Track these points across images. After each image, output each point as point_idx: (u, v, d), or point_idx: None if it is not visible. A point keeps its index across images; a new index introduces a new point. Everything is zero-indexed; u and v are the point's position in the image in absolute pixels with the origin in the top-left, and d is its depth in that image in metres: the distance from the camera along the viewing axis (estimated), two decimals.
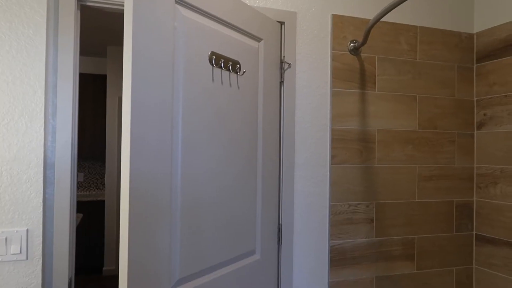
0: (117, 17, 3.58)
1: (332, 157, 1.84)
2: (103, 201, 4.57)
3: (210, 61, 1.35)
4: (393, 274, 1.92)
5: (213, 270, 1.35)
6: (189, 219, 1.24)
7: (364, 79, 1.90)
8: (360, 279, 1.86)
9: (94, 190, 5.17)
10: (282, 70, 1.77)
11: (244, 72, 1.51)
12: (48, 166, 1.42)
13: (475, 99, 2.11)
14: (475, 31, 2.11)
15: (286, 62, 1.78)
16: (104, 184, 5.16)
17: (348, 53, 1.87)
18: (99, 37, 4.20)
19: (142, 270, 1.06)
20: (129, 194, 1.02)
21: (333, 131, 1.84)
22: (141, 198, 1.05)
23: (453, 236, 2.04)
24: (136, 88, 1.05)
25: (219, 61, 1.38)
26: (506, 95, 1.94)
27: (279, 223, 1.74)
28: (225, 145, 1.40)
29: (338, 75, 1.85)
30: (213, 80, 1.36)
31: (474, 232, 2.08)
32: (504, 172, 1.93)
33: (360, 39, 1.88)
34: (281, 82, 1.77)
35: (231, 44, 1.44)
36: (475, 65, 2.10)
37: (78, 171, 5.02)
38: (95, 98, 4.82)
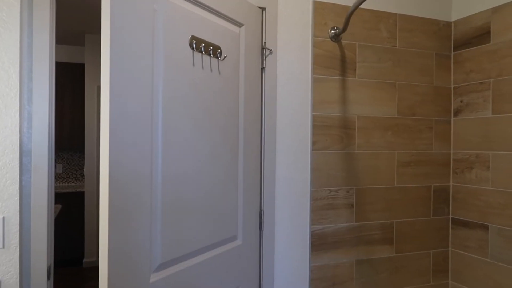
0: (95, 3, 3.49)
1: (313, 143, 1.85)
2: (83, 193, 4.50)
3: (191, 45, 1.33)
4: (373, 257, 1.96)
5: (195, 254, 1.35)
6: (171, 204, 1.23)
7: (344, 66, 1.91)
8: (340, 263, 1.89)
9: (73, 182, 5.09)
10: (263, 57, 1.77)
11: (225, 57, 1.49)
12: (24, 153, 1.38)
13: (452, 86, 2.15)
14: (452, 19, 2.15)
15: (267, 48, 1.78)
16: (83, 175, 5.08)
17: (329, 40, 1.88)
18: (77, 25, 4.10)
19: (123, 256, 1.05)
20: (108, 180, 1.00)
21: (314, 118, 1.85)
22: (121, 185, 1.04)
23: (430, 220, 2.10)
24: (115, 71, 1.03)
25: (199, 45, 1.37)
26: (481, 82, 1.99)
27: (260, 209, 1.75)
28: (207, 130, 1.39)
29: (319, 62, 1.86)
30: (193, 64, 1.34)
31: (450, 216, 2.14)
32: (479, 157, 1.99)
33: (341, 26, 1.89)
34: (263, 69, 1.77)
35: (211, 28, 1.42)
36: (452, 53, 2.14)
37: (56, 162, 4.92)
38: (73, 88, 4.71)
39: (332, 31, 1.87)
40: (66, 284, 3.97)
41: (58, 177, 5.03)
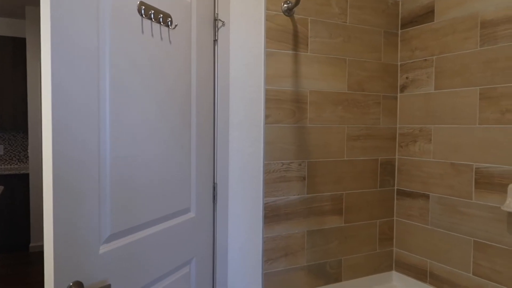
0: None
1: (266, 117, 1.86)
2: (27, 175, 4.27)
3: (139, 11, 1.28)
4: (324, 228, 2.04)
5: (147, 226, 1.33)
6: (121, 176, 1.20)
7: (297, 41, 1.93)
8: (293, 233, 1.95)
9: (17, 164, 4.81)
10: (216, 28, 1.74)
11: (176, 25, 1.45)
12: None
13: (399, 63, 2.24)
14: None
15: (220, 20, 1.75)
16: (27, 157, 4.81)
17: (282, 13, 1.88)
18: None
19: (69, 228, 1.01)
20: (52, 153, 0.96)
21: (267, 92, 1.86)
22: (66, 160, 1.00)
23: (377, 192, 2.20)
24: (57, 39, 0.97)
25: (148, 11, 1.32)
26: (425, 59, 2.08)
27: (214, 182, 1.75)
28: (158, 100, 1.36)
29: (272, 36, 1.86)
30: (142, 32, 1.29)
31: (395, 187, 2.26)
32: (422, 131, 2.10)
33: (294, 0, 1.89)
34: (215, 41, 1.75)
35: None
36: (399, 31, 2.22)
37: None
38: (14, 64, 4.41)
39: (285, 5, 1.88)
40: (11, 269, 3.79)
41: None
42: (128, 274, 1.23)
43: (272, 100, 1.87)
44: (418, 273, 2.12)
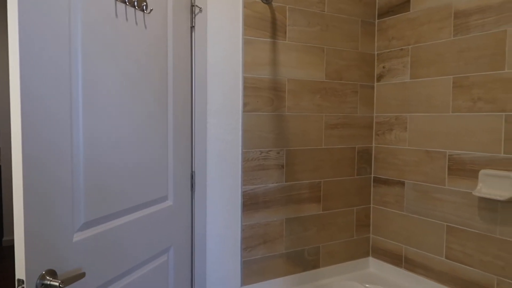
0: None
1: (244, 105, 1.86)
2: None
3: None
4: (302, 215, 2.06)
5: (123, 214, 1.31)
6: (95, 163, 1.17)
7: (275, 29, 1.92)
8: (271, 221, 1.96)
9: None
10: (193, 14, 1.71)
11: (151, 10, 1.42)
12: None
13: (376, 53, 2.26)
14: None
15: (197, 6, 1.72)
16: None
17: (260, 1, 1.87)
18: None
19: (41, 217, 0.99)
20: (21, 138, 0.92)
21: (245, 79, 1.85)
22: (36, 144, 0.97)
23: (354, 179, 2.23)
24: (25, 21, 0.93)
25: None
26: (402, 49, 2.11)
27: (192, 170, 1.74)
28: (135, 86, 1.33)
29: (250, 23, 1.85)
30: (116, 15, 1.26)
31: (372, 175, 2.30)
32: (398, 119, 2.14)
33: None
34: (192, 27, 1.72)
35: None
36: (376, 21, 2.25)
37: None
38: None
39: None
40: None
41: None
42: (103, 262, 1.21)
43: (250, 88, 1.87)
44: (394, 258, 2.17)
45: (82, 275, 1.08)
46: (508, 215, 1.65)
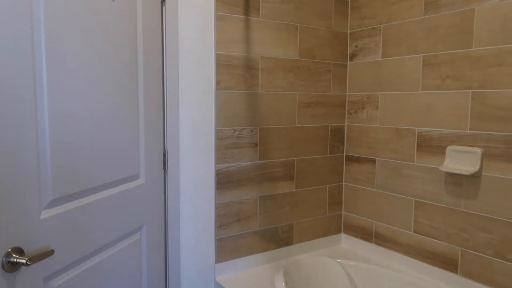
0: None
1: (218, 82, 1.84)
2: None
3: None
4: (276, 193, 2.08)
5: (93, 192, 1.28)
6: (62, 137, 1.14)
7: (248, 5, 1.89)
8: (245, 199, 1.97)
9: None
10: None
11: None
12: None
13: (349, 31, 2.27)
14: None
15: None
16: None
17: None
18: None
19: (6, 193, 0.96)
20: None
21: (218, 57, 1.83)
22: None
23: (327, 158, 2.26)
24: None
25: None
26: (374, 28, 2.13)
27: (164, 149, 1.72)
28: (102, 60, 1.29)
29: None
30: None
31: (344, 153, 2.33)
32: (370, 98, 2.17)
33: None
34: (163, 1, 1.67)
35: None
36: None
37: None
38: None
39: None
40: None
41: None
42: (73, 240, 1.19)
43: (223, 65, 1.84)
44: (365, 234, 2.23)
45: (51, 252, 1.06)
46: (473, 189, 1.72)
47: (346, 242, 2.35)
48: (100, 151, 1.30)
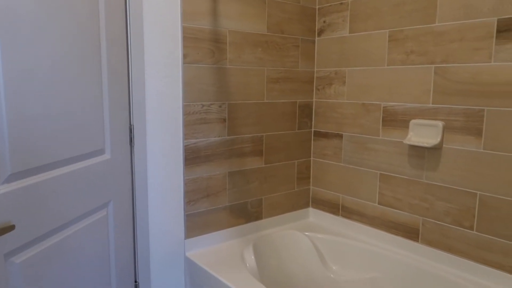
0: None
1: (184, 56, 1.80)
2: None
3: None
4: (244, 169, 2.08)
5: (55, 166, 1.24)
6: (19, 110, 1.09)
7: None
8: (214, 175, 1.96)
9: None
10: None
11: None
12: None
13: (317, 7, 2.26)
14: None
15: None
16: None
17: None
18: None
19: None
20: None
21: (184, 29, 1.78)
22: None
23: (295, 133, 2.28)
24: None
25: None
26: (341, 3, 2.13)
27: (130, 124, 1.68)
28: (61, 31, 1.22)
29: None
30: None
31: (312, 129, 2.36)
32: (337, 74, 2.19)
33: None
34: None
35: None
36: None
37: None
38: None
39: None
40: None
41: None
42: (35, 216, 1.16)
43: (189, 38, 1.80)
44: (332, 207, 2.28)
45: (12, 227, 1.02)
46: (434, 160, 1.79)
47: (314, 215, 2.40)
48: (61, 125, 1.25)
